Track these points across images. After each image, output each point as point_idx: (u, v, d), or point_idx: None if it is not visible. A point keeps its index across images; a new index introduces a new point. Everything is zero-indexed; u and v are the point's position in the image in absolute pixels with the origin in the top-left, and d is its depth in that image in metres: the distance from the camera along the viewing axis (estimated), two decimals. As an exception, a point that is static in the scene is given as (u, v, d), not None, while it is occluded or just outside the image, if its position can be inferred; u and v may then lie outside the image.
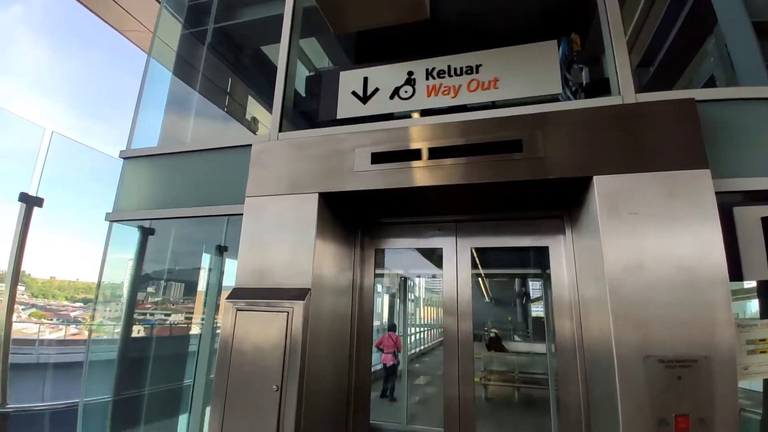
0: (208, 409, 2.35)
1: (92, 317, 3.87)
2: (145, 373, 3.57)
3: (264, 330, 2.15)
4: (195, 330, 3.97)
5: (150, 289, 3.98)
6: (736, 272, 1.92)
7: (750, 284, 2.24)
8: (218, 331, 2.33)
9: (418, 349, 8.01)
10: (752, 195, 2.08)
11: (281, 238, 2.32)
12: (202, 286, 3.93)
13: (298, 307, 2.11)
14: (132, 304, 3.56)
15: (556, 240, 2.60)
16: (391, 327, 6.26)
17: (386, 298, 6.89)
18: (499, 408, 5.73)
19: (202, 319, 3.85)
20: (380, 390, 5.84)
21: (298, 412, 2.00)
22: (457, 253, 2.77)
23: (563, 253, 2.56)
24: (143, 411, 3.40)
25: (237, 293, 2.29)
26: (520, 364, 6.06)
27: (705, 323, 1.71)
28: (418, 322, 8.23)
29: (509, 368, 6.13)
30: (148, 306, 3.95)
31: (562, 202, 2.43)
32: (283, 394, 2.02)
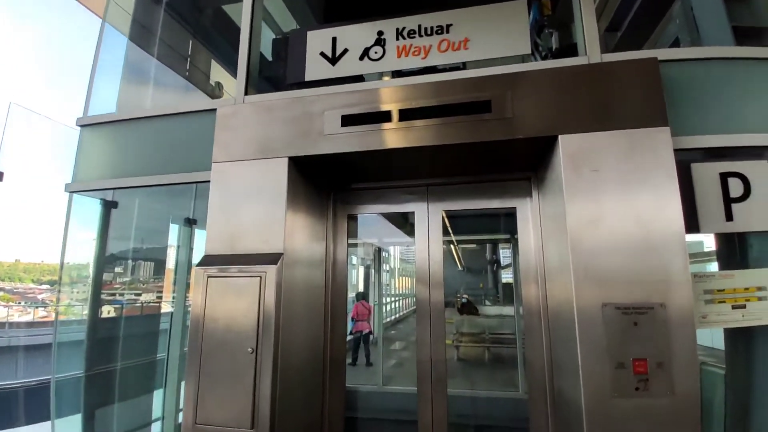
0: (183, 383, 2.35)
1: (57, 299, 3.73)
2: (116, 351, 3.50)
3: (237, 295, 2.13)
4: (166, 308, 3.90)
5: (118, 269, 3.85)
6: (693, 225, 2.04)
7: (710, 248, 2.37)
8: (190, 308, 2.31)
9: (393, 317, 8.21)
10: (711, 152, 2.18)
11: (251, 204, 2.28)
12: (171, 264, 3.84)
13: (270, 272, 2.10)
14: (98, 282, 3.43)
15: (524, 202, 2.66)
16: (363, 296, 6.35)
17: (362, 269, 6.95)
18: (471, 366, 6.00)
19: (173, 298, 3.78)
20: (354, 358, 5.99)
21: (274, 373, 2.02)
22: (429, 217, 2.80)
23: (530, 215, 2.63)
24: (116, 387, 3.36)
25: (207, 260, 2.25)
26: (490, 326, 6.33)
27: (661, 272, 1.81)
28: (393, 292, 8.40)
29: (480, 330, 6.40)
30: (117, 286, 3.83)
31: (529, 164, 2.48)
32: (259, 356, 2.04)
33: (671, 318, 1.78)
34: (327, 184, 2.83)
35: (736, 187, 2.05)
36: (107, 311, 3.65)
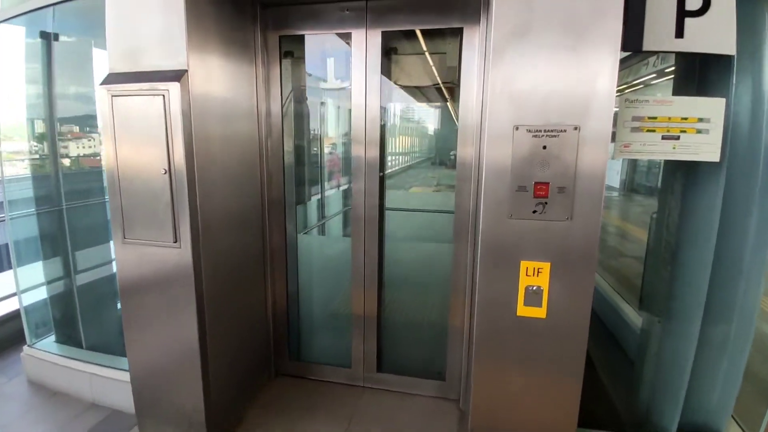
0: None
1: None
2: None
3: (143, 116, 2.01)
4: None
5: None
6: (636, 41, 1.79)
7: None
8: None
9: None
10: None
11: (148, 14, 1.99)
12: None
13: (174, 89, 1.94)
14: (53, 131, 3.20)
15: (472, 23, 2.35)
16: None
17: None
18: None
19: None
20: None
21: (190, 190, 2.04)
22: (367, 41, 2.51)
23: (477, 40, 2.35)
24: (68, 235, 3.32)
25: (110, 78, 2.07)
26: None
27: (582, 92, 1.64)
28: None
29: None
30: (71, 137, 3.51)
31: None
32: (172, 174, 2.03)
33: (584, 142, 1.69)
34: (249, -3, 2.45)
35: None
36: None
